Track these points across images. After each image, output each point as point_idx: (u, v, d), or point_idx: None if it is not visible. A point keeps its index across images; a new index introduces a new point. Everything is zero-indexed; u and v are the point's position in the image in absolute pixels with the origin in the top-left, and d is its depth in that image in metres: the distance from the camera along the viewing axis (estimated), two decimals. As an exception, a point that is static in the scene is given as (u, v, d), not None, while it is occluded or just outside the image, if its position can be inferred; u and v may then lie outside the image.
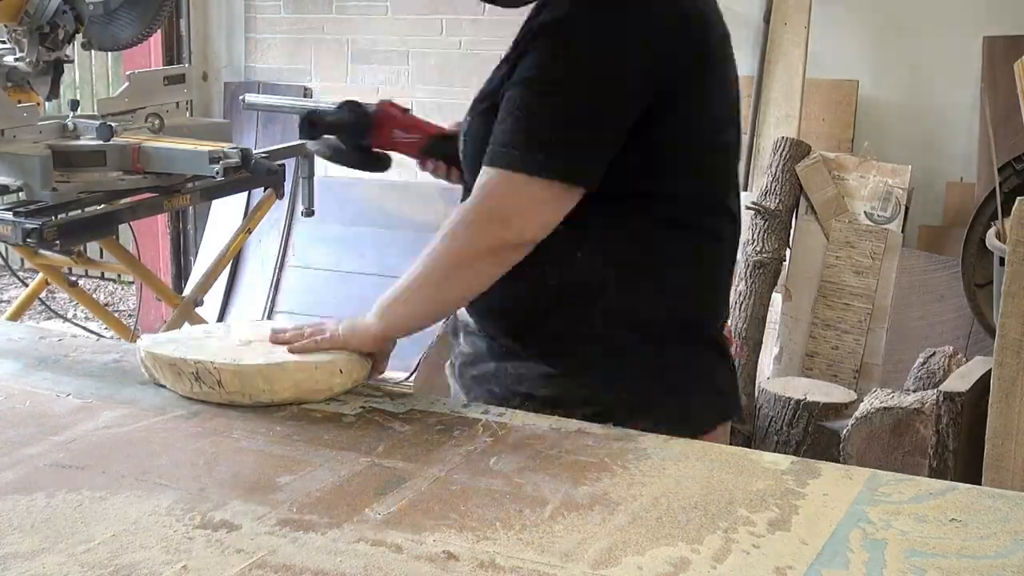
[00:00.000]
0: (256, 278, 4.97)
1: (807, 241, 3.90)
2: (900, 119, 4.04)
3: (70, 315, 4.91)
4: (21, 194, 2.87)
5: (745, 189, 4.05)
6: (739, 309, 3.74)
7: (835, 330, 3.84)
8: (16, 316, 3.53)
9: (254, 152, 3.08)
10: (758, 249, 3.77)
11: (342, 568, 0.97)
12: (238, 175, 3.04)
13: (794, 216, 3.90)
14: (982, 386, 2.59)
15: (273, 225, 4.83)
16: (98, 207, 2.99)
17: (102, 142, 2.96)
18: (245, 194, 4.52)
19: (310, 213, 3.67)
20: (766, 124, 4.03)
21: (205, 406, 1.38)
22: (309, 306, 4.79)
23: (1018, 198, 2.33)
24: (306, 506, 1.10)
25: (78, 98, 3.34)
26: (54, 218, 2.81)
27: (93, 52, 4.59)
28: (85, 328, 4.44)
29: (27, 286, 3.61)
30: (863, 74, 4.05)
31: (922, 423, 3.00)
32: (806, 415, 3.38)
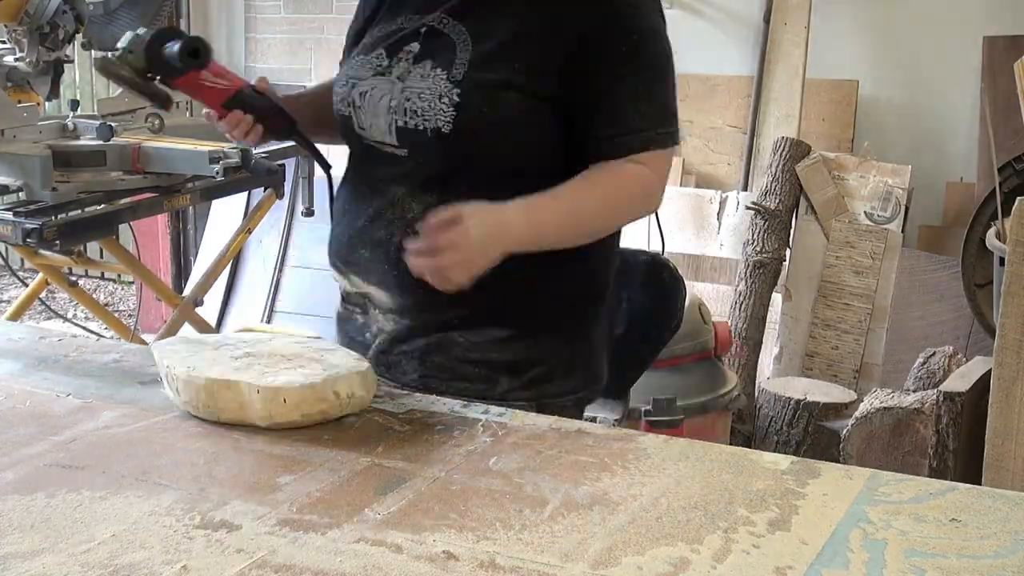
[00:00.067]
0: (256, 278, 4.97)
1: (807, 241, 3.90)
2: (900, 119, 4.04)
3: (70, 315, 4.91)
4: (21, 194, 2.87)
5: (745, 189, 4.05)
6: (739, 309, 3.74)
7: (835, 330, 3.84)
8: (16, 316, 3.53)
9: (254, 152, 3.08)
10: (758, 249, 3.77)
11: (342, 568, 0.97)
12: (238, 175, 3.04)
13: (794, 216, 3.90)
14: (982, 386, 2.59)
15: (273, 225, 4.82)
16: (98, 207, 2.99)
17: (102, 142, 2.96)
18: (245, 194, 4.52)
19: (310, 213, 3.67)
20: (766, 124, 4.03)
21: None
22: (309, 306, 4.78)
23: (1018, 198, 2.33)
24: (306, 506, 1.10)
25: (78, 98, 3.35)
26: (54, 218, 2.81)
27: (93, 52, 4.59)
28: (85, 328, 4.44)
29: (27, 286, 3.61)
30: (863, 74, 4.05)
31: (922, 423, 3.00)
32: (806, 415, 3.38)
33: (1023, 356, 2.28)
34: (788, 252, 3.88)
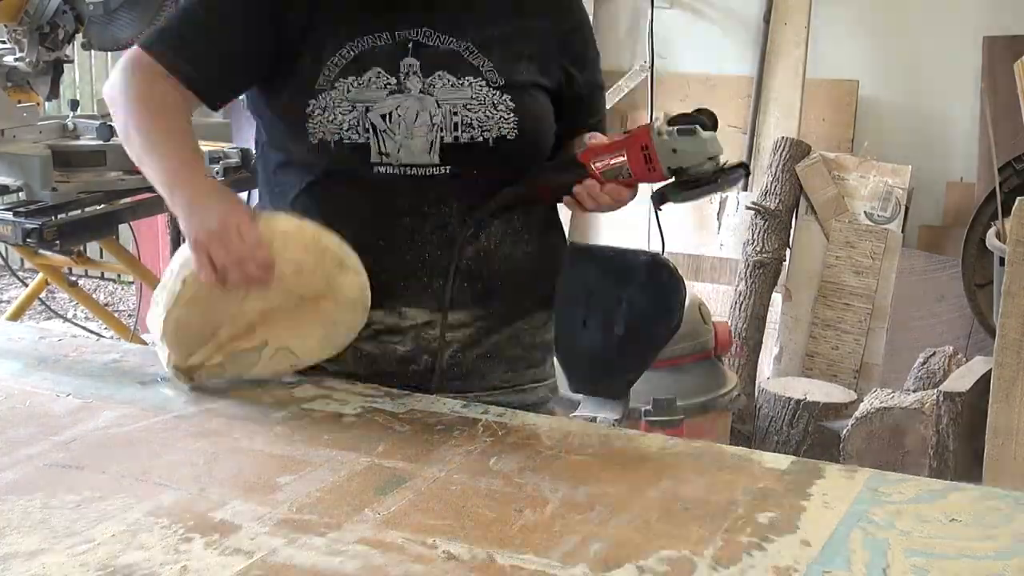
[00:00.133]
0: (256, 278, 4.96)
1: (807, 241, 3.90)
2: (900, 119, 4.03)
3: (70, 315, 4.90)
4: (21, 194, 2.87)
5: (745, 189, 4.05)
6: (739, 309, 3.74)
7: (835, 330, 3.84)
8: (16, 316, 3.53)
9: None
10: (758, 249, 3.77)
11: (342, 568, 0.97)
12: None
13: (794, 216, 3.90)
14: (982, 386, 2.59)
15: (273, 225, 4.82)
16: (98, 207, 2.98)
17: (102, 142, 2.96)
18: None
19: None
20: (766, 124, 4.03)
21: (205, 406, 1.38)
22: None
23: (1018, 198, 2.34)
24: (306, 506, 1.10)
25: (78, 98, 3.35)
26: (54, 218, 2.81)
27: (93, 52, 4.59)
28: (85, 328, 4.43)
29: (27, 286, 3.61)
30: (863, 74, 4.05)
31: (922, 423, 3.00)
32: (806, 415, 3.38)
33: (1023, 356, 2.29)
34: (788, 252, 3.88)
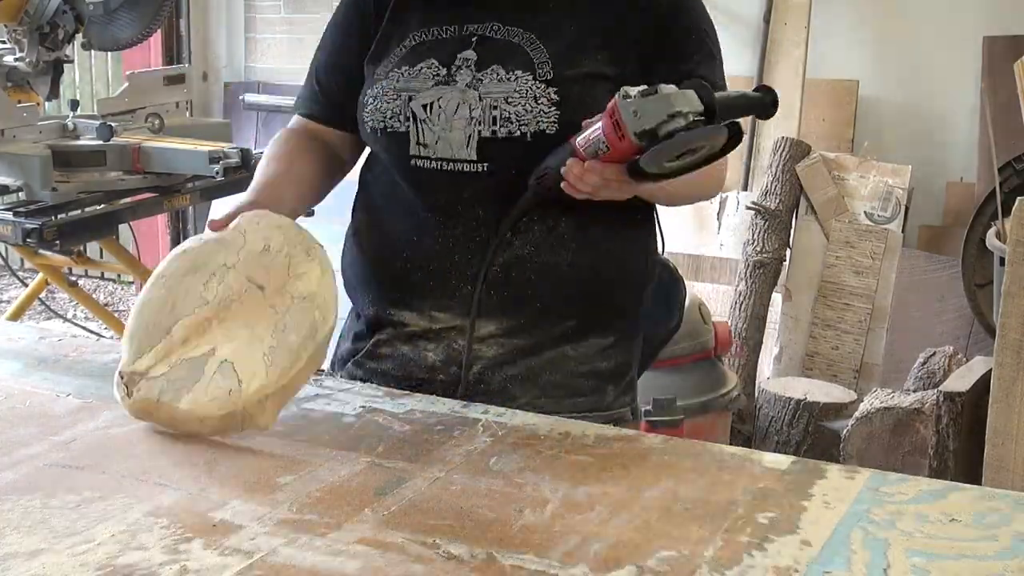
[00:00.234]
0: (256, 278, 4.96)
1: (807, 241, 3.90)
2: (900, 119, 4.04)
3: (70, 315, 4.90)
4: (21, 194, 2.88)
5: (745, 189, 4.05)
6: (739, 309, 3.74)
7: (835, 330, 3.84)
8: (16, 316, 3.53)
9: (254, 152, 3.09)
10: (758, 249, 3.77)
11: (342, 568, 0.97)
12: (238, 175, 3.04)
13: (794, 216, 3.90)
14: (982, 386, 2.59)
15: (273, 225, 4.82)
16: (98, 207, 2.99)
17: (102, 142, 2.97)
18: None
19: (310, 213, 3.65)
20: (766, 124, 4.03)
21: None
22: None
23: (1018, 198, 2.33)
24: (306, 506, 1.10)
25: (78, 98, 3.35)
26: (54, 218, 2.81)
27: (93, 52, 4.59)
28: (85, 328, 4.44)
29: (27, 286, 3.61)
30: (863, 74, 4.05)
31: (922, 423, 3.00)
32: (806, 415, 3.38)
33: (1023, 356, 2.28)
34: (788, 252, 3.88)
